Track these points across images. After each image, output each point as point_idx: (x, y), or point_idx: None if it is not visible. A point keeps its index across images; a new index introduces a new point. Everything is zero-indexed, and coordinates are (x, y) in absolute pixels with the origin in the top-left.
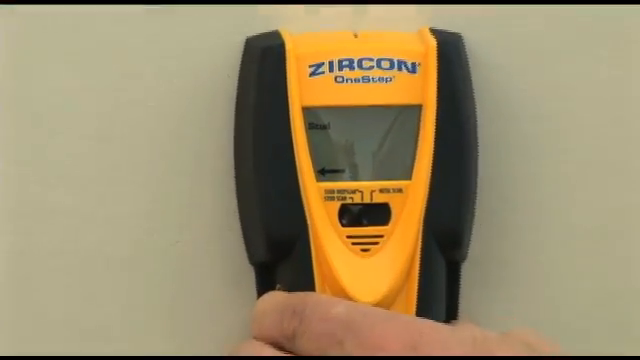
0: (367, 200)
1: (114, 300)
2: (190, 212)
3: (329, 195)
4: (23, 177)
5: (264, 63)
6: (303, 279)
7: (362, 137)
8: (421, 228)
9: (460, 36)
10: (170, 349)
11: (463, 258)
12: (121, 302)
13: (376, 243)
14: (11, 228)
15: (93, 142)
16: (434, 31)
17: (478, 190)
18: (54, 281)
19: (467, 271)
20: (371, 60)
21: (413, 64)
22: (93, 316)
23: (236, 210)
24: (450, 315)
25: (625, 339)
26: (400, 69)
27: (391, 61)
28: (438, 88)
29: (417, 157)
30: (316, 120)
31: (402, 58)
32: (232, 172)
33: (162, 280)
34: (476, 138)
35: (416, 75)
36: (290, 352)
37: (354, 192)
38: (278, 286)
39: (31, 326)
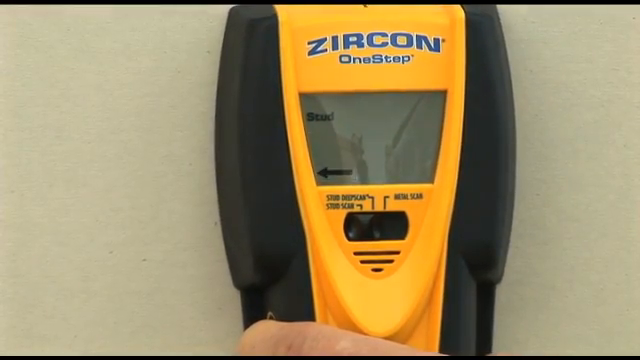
0: (379, 208)
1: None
2: (159, 224)
3: (332, 202)
4: None
5: (252, 39)
6: (300, 306)
7: (373, 130)
8: (446, 243)
9: (494, 7)
10: None
11: (498, 279)
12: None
13: (390, 261)
14: None
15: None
16: (463, 4)
17: (516, 196)
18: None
19: (502, 295)
20: (384, 35)
21: (436, 40)
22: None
23: (217, 221)
24: (482, 347)
25: None
26: (420, 46)
27: (409, 37)
28: (467, 70)
29: (441, 155)
30: (316, 109)
31: (422, 33)
32: (212, 174)
33: (124, 306)
34: (514, 132)
35: (439, 54)
36: None
37: (363, 198)
38: (269, 314)
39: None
